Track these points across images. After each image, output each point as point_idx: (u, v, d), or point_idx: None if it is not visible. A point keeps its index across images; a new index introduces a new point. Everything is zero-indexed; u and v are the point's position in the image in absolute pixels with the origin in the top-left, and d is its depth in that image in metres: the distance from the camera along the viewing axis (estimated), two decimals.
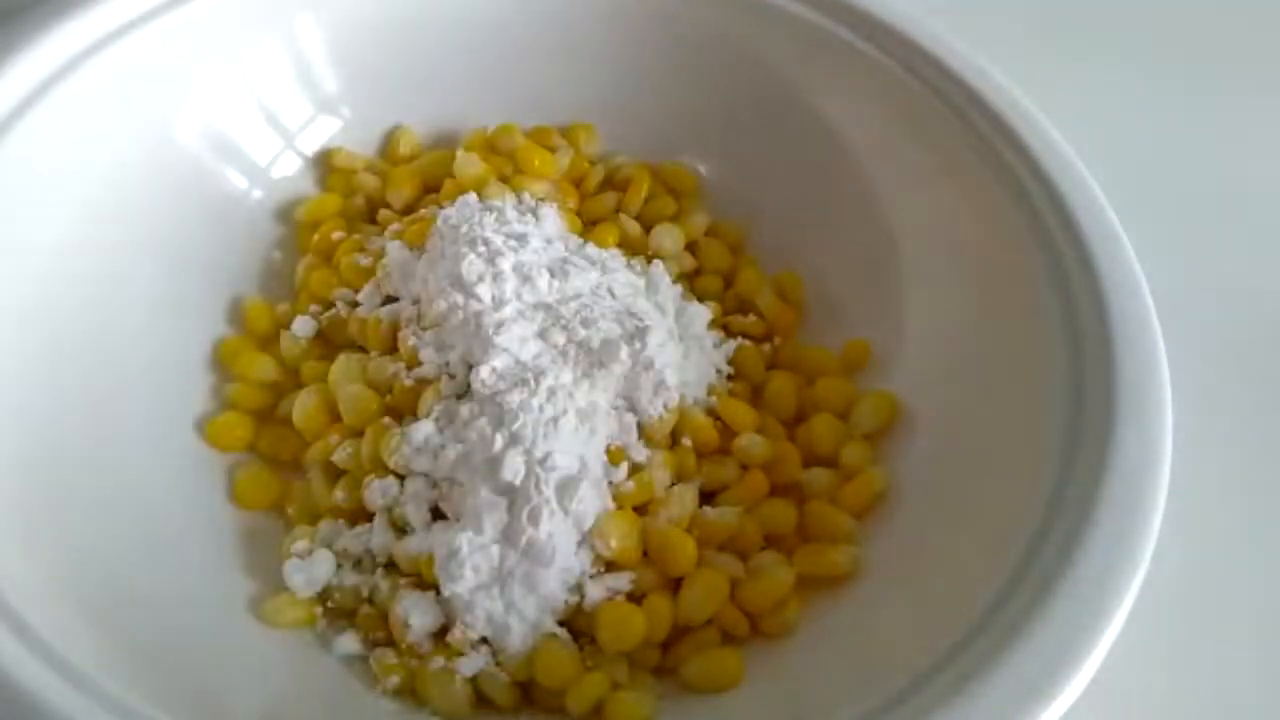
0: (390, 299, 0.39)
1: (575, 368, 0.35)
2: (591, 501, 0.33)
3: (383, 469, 0.35)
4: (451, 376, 0.36)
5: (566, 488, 0.33)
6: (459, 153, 0.43)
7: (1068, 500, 0.30)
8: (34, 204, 0.36)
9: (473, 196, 0.40)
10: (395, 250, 0.40)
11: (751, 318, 0.41)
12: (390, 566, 0.34)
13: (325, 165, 0.44)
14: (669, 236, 0.42)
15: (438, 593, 0.32)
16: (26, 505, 0.31)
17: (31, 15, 0.37)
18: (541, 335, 0.35)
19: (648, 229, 0.43)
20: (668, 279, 0.40)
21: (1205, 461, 0.36)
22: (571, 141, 0.45)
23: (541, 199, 0.41)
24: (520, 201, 0.40)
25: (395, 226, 0.41)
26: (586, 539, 0.33)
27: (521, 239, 0.38)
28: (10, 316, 0.34)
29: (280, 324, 0.40)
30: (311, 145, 0.44)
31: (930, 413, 0.37)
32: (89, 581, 0.31)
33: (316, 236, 0.42)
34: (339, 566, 0.34)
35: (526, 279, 0.36)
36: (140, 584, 0.32)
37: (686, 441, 0.36)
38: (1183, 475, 0.31)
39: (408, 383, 0.37)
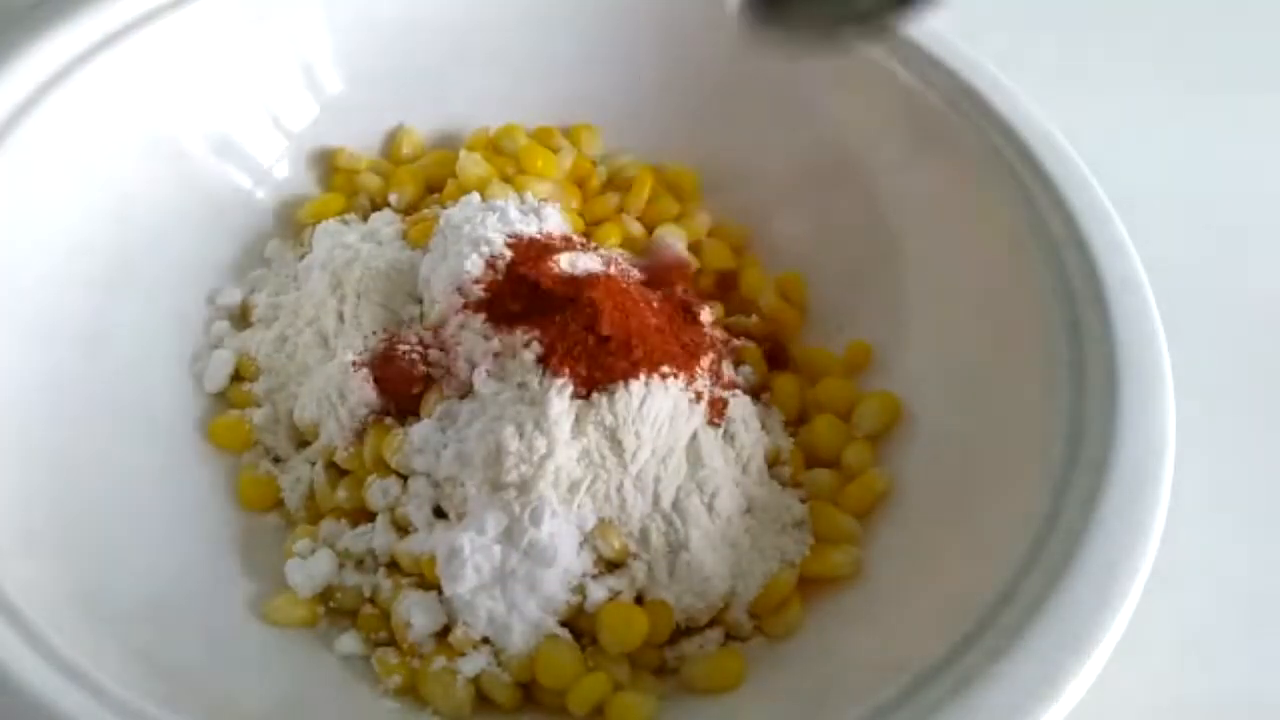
0: None
1: None
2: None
3: (385, 469, 0.35)
4: (453, 376, 0.36)
5: (568, 488, 0.33)
6: (462, 153, 0.43)
7: (1070, 500, 0.30)
8: (36, 205, 0.36)
9: (475, 197, 0.40)
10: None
11: (754, 318, 0.41)
12: (392, 566, 0.34)
13: (328, 165, 0.44)
14: (671, 237, 0.42)
15: (440, 593, 0.32)
16: (29, 506, 0.31)
17: (34, 16, 0.38)
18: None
19: (650, 229, 0.43)
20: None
21: (1208, 461, 0.36)
22: (574, 142, 0.45)
23: (544, 199, 0.41)
24: (523, 202, 0.40)
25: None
26: (588, 539, 0.33)
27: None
28: (13, 317, 0.34)
29: None
30: (314, 145, 0.44)
31: (932, 414, 0.37)
32: (91, 581, 0.31)
33: None
34: (341, 566, 0.34)
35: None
36: (142, 584, 0.32)
37: None
38: (1185, 475, 0.31)
39: None
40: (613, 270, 0.37)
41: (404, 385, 0.36)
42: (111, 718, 0.26)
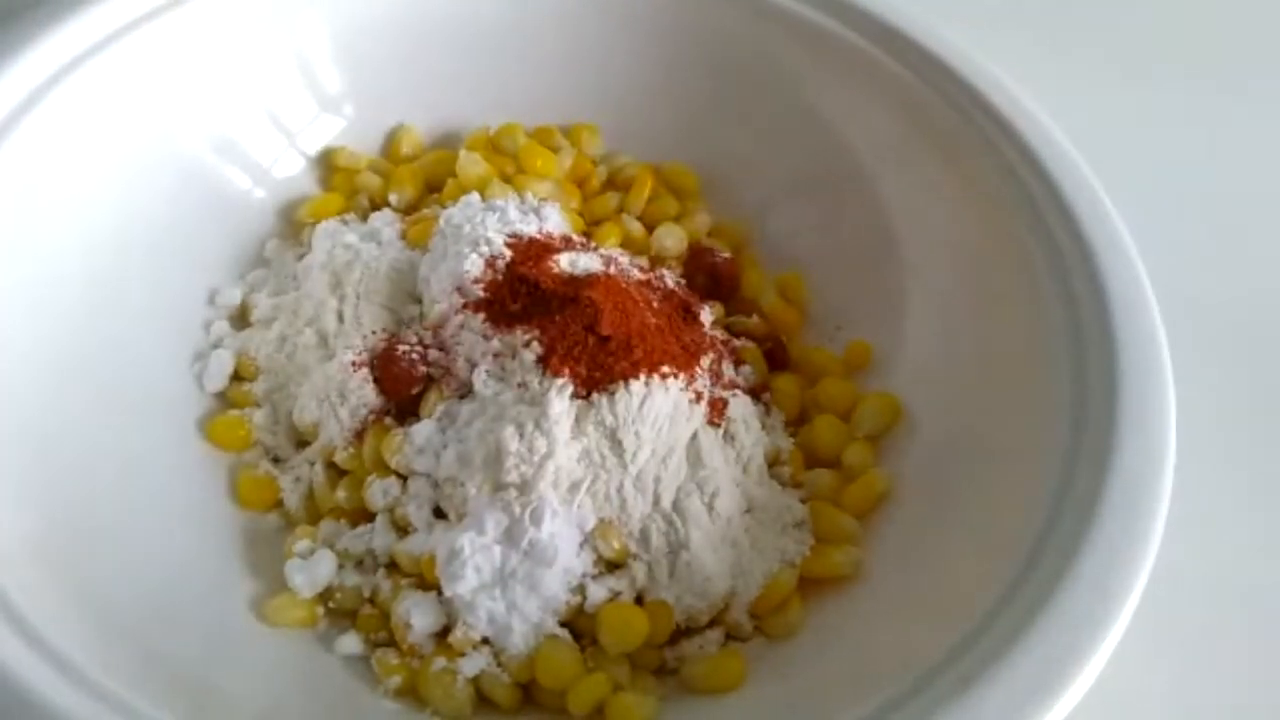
0: None
1: None
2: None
3: (384, 469, 0.35)
4: (453, 376, 0.36)
5: (569, 488, 0.33)
6: (461, 152, 0.43)
7: (1071, 501, 0.30)
8: (36, 205, 0.36)
9: (475, 196, 0.40)
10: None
11: (754, 318, 0.41)
12: (392, 567, 0.34)
13: (328, 165, 0.44)
14: (671, 237, 0.42)
15: (439, 593, 0.32)
16: (29, 509, 0.31)
17: (34, 15, 0.37)
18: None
19: (650, 229, 0.43)
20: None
21: (1208, 462, 0.36)
22: (574, 141, 0.45)
23: (544, 199, 0.41)
24: (523, 201, 0.40)
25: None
26: (588, 539, 0.33)
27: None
28: (14, 317, 0.34)
29: None
30: (314, 144, 0.44)
31: (932, 414, 0.37)
32: (92, 583, 0.31)
33: None
34: (341, 567, 0.34)
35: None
36: (142, 584, 0.32)
37: None
38: (1186, 476, 0.30)
39: None
40: (613, 270, 0.37)
41: (404, 385, 0.36)
42: (110, 717, 0.26)
